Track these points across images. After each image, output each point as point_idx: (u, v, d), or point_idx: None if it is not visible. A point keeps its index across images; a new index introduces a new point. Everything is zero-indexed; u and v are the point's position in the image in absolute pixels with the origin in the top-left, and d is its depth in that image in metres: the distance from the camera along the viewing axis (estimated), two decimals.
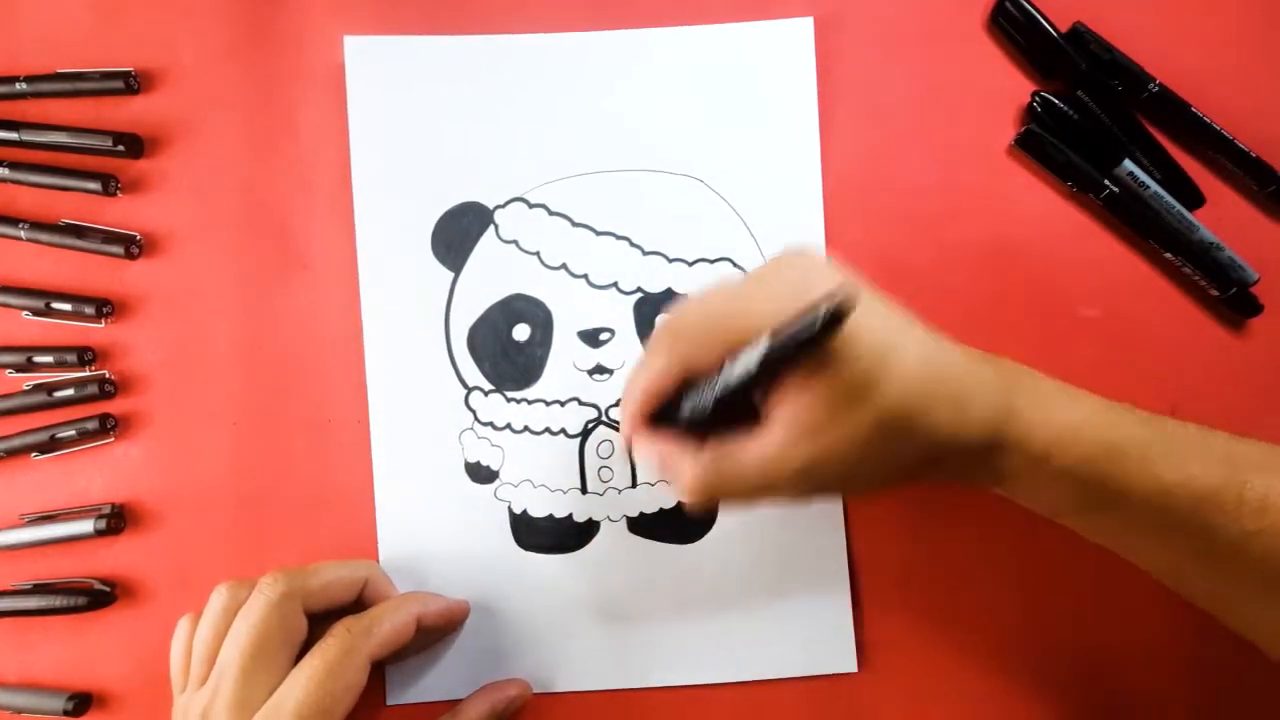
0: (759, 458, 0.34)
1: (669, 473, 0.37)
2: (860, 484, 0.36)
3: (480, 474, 0.47)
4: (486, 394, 0.47)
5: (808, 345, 0.30)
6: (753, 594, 0.46)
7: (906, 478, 0.36)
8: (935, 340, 0.35)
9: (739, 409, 0.35)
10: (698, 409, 0.35)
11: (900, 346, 0.33)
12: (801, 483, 0.34)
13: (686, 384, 0.35)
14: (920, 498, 0.47)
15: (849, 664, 0.46)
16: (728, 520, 0.47)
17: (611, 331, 0.47)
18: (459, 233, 0.47)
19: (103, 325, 0.47)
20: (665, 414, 0.37)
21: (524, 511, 0.46)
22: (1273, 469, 0.35)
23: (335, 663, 0.39)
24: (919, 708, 0.47)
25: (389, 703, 0.46)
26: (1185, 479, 0.34)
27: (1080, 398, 0.37)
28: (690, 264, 0.47)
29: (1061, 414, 0.36)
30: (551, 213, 0.47)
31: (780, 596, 0.46)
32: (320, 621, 0.42)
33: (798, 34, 0.47)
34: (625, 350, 0.47)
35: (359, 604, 0.44)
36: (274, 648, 0.40)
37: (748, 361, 0.32)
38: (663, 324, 0.36)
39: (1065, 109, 0.47)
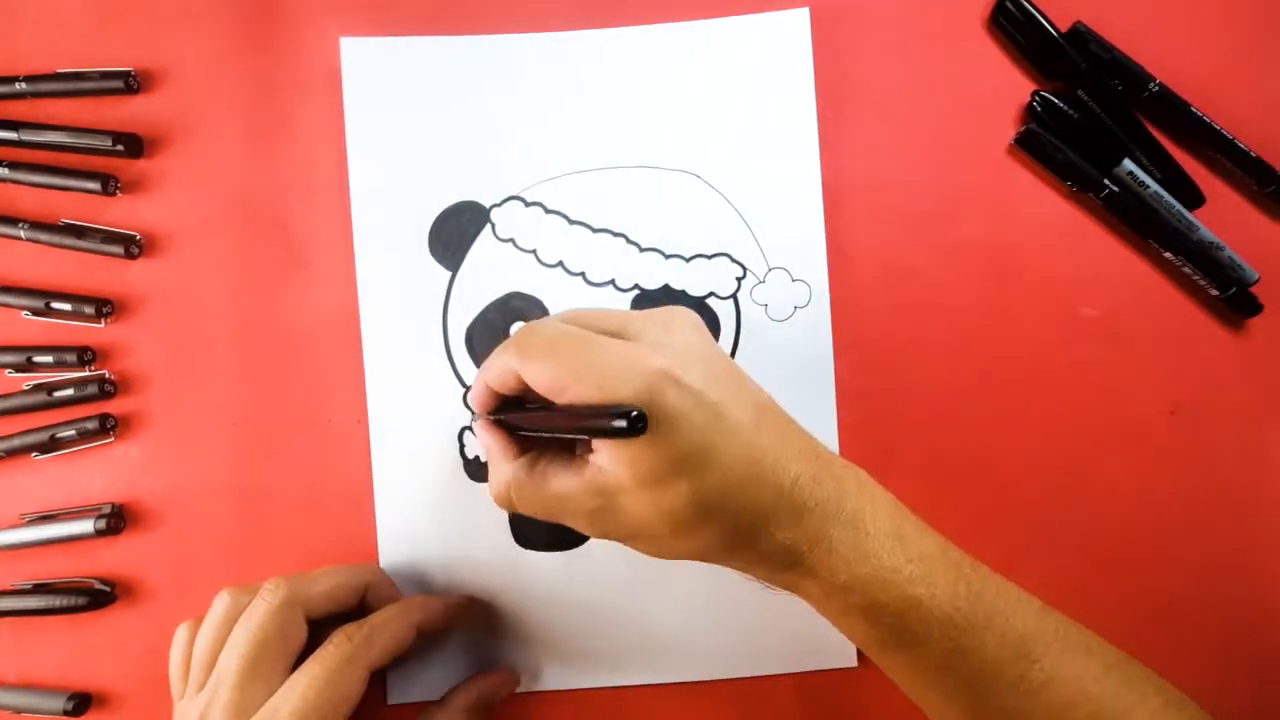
0: (559, 491, 0.36)
1: (489, 465, 0.40)
2: (650, 548, 0.37)
3: (479, 472, 0.47)
4: None
5: (596, 434, 0.33)
6: (752, 589, 0.46)
7: (699, 559, 0.36)
8: (761, 446, 0.34)
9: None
10: (518, 424, 0.39)
11: (719, 445, 0.33)
12: (592, 525, 0.37)
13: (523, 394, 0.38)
14: (920, 493, 0.47)
15: (849, 659, 0.46)
16: None
17: None
18: (456, 232, 0.47)
19: (103, 325, 0.47)
20: (507, 404, 0.40)
21: None
22: (1065, 648, 0.36)
23: (335, 671, 0.39)
24: None
25: (390, 702, 0.46)
26: (978, 646, 0.35)
27: (906, 539, 0.36)
28: (688, 260, 0.47)
29: (874, 558, 0.35)
30: (548, 210, 0.47)
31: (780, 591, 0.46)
32: (321, 627, 0.42)
33: (793, 25, 0.47)
34: None
35: (361, 608, 0.44)
36: (273, 654, 0.39)
37: (544, 418, 0.35)
38: (521, 335, 0.37)
39: (1065, 108, 0.47)
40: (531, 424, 0.38)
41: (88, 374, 0.47)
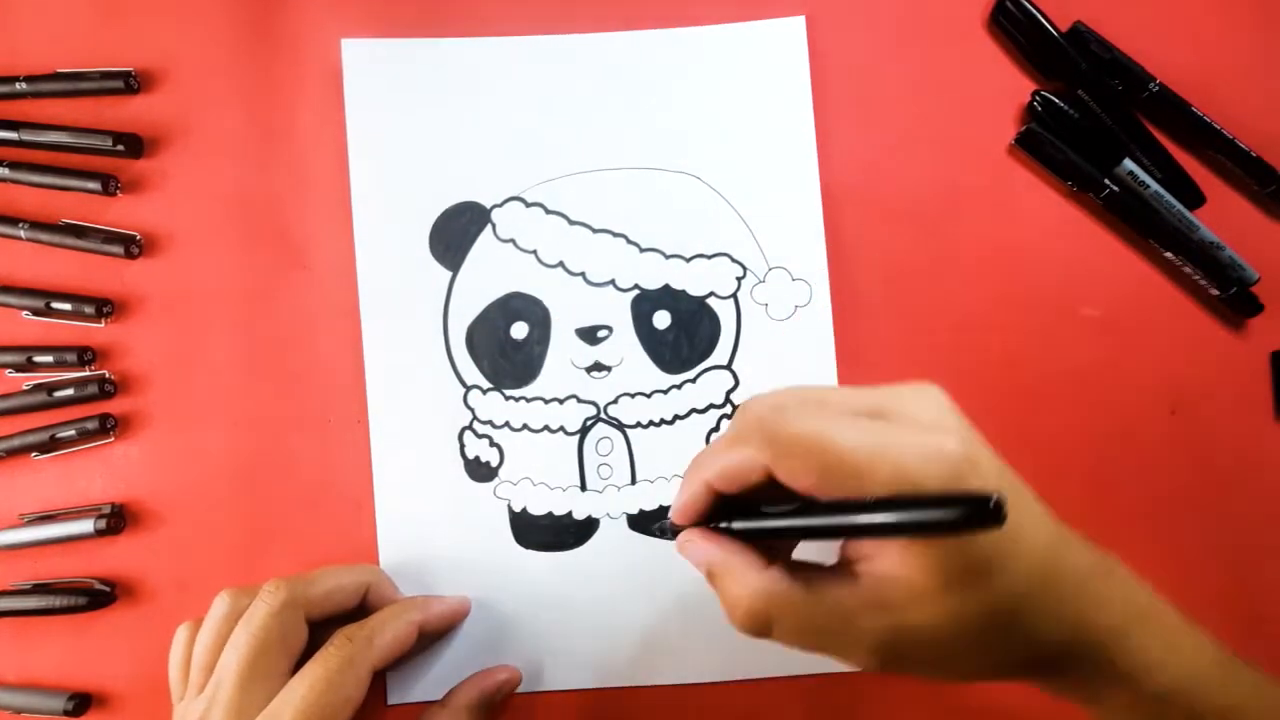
0: (836, 610, 0.30)
1: (717, 584, 0.33)
2: (945, 671, 0.31)
3: (479, 472, 0.47)
4: (485, 392, 0.47)
5: (939, 530, 0.26)
6: None
7: (995, 677, 0.32)
8: (1057, 530, 0.31)
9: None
10: (769, 529, 0.31)
11: (1026, 530, 0.29)
12: (879, 650, 0.30)
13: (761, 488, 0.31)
14: None
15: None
16: None
17: (609, 328, 0.47)
18: (457, 232, 0.47)
19: (103, 325, 0.47)
20: (724, 508, 0.33)
21: (523, 509, 0.46)
22: None
23: (336, 673, 0.39)
24: (918, 704, 0.46)
25: (390, 703, 0.46)
26: None
27: (1202, 642, 0.33)
28: (688, 260, 0.47)
29: (1188, 660, 0.32)
30: (548, 211, 0.47)
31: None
32: (322, 627, 0.41)
33: (790, 33, 0.48)
34: (623, 347, 0.47)
35: (362, 609, 0.44)
36: (273, 656, 0.39)
37: (858, 515, 0.27)
38: (757, 413, 0.30)
39: (1065, 108, 0.47)
40: (799, 530, 0.30)
41: (88, 374, 0.47)
